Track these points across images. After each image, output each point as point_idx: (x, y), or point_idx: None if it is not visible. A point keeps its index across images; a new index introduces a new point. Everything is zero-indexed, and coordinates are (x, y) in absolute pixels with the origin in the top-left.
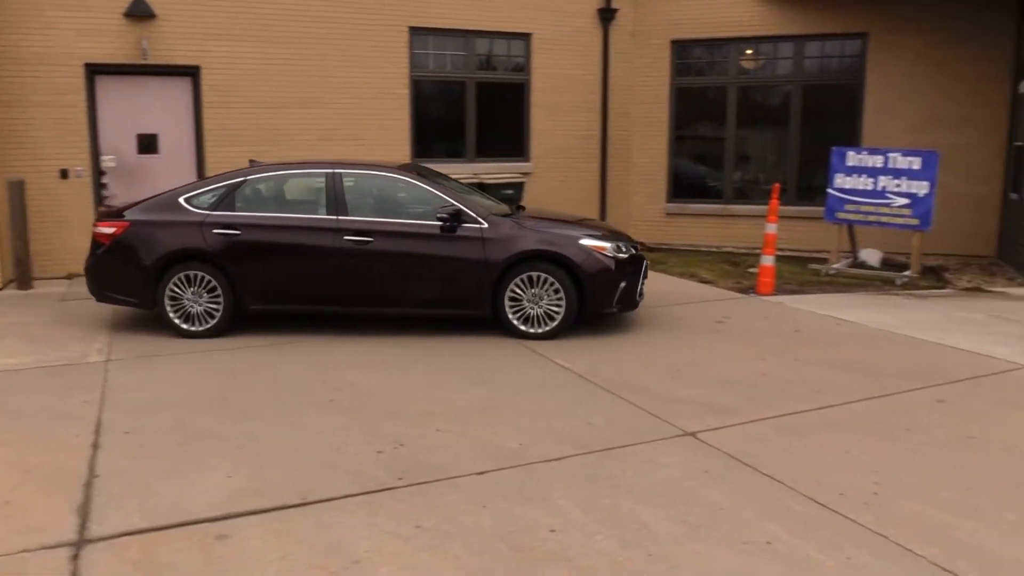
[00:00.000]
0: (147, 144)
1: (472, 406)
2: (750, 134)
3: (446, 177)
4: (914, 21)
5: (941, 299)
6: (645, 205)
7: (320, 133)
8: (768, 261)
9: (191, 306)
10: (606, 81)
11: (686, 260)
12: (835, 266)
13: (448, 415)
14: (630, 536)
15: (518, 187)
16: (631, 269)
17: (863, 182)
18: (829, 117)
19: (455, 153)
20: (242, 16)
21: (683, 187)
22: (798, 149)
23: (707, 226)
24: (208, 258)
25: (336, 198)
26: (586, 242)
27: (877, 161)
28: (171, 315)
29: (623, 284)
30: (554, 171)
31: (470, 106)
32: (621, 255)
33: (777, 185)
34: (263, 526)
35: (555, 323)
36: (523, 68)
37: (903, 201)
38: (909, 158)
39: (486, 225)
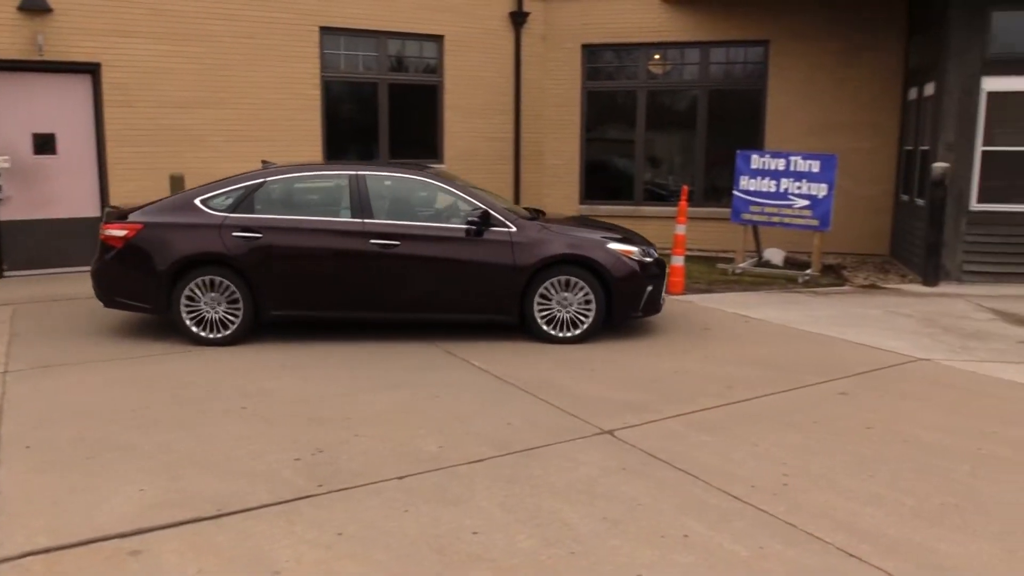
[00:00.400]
0: (44, 144)
1: (392, 410)
2: (659, 137)
3: (461, 180)
4: (812, 30)
5: (840, 296)
6: (558, 206)
7: (229, 133)
8: (678, 261)
9: (208, 312)
10: (519, 84)
11: None
12: (741, 265)
13: (367, 419)
14: (552, 534)
15: None
16: (656, 272)
17: (766, 184)
18: (734, 121)
19: (368, 154)
20: (145, 12)
21: (595, 188)
22: (705, 152)
23: None
24: (227, 262)
25: (361, 201)
26: (613, 246)
27: (779, 164)
28: (187, 322)
29: (649, 288)
30: (468, 173)
31: (383, 107)
32: (646, 259)
33: (686, 187)
34: (178, 539)
35: (584, 327)
36: (436, 70)
37: (804, 203)
38: (809, 161)
39: (514, 229)
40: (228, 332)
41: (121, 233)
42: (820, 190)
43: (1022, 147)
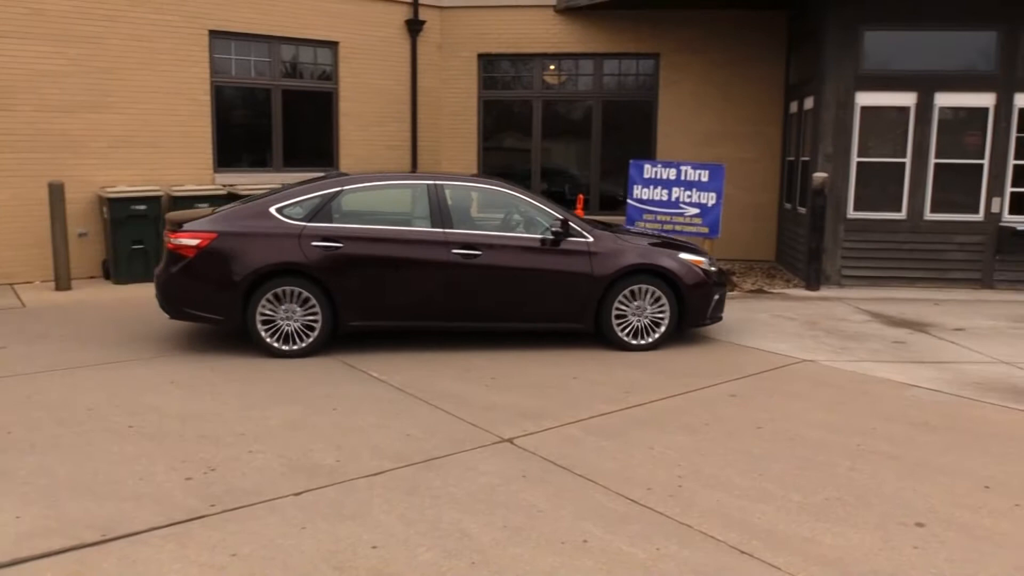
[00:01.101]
0: None
1: (286, 424)
2: (556, 146)
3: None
4: (700, 44)
5: (730, 301)
6: None
7: (113, 139)
8: None
9: (285, 324)
10: (415, 92)
11: None
12: None
13: (261, 435)
14: (453, 545)
15: None
16: (720, 281)
17: (659, 193)
18: (628, 131)
19: (261, 162)
20: (23, 12)
21: None
22: (600, 161)
23: None
24: (307, 272)
25: (441, 210)
26: (684, 256)
27: (671, 173)
28: (263, 334)
29: (716, 296)
30: None
31: (276, 114)
32: (712, 268)
33: (581, 196)
34: (58, 569)
35: (658, 335)
36: (331, 76)
37: (694, 211)
38: (699, 171)
39: (591, 239)
40: (305, 344)
41: (193, 242)
42: (709, 199)
43: (892, 158)
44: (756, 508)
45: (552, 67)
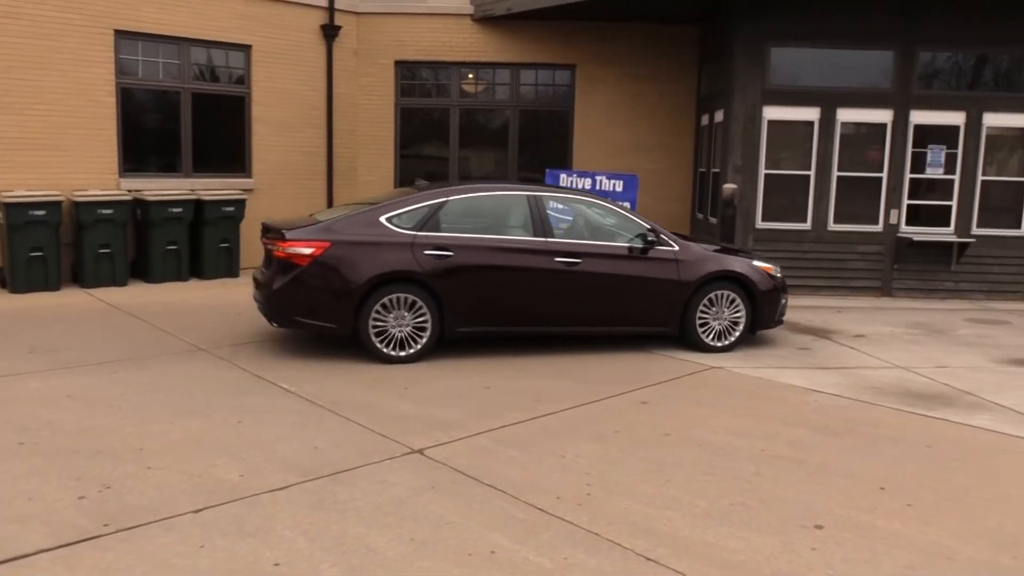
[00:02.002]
0: None
1: (189, 439)
2: (473, 154)
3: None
4: (615, 56)
5: None
6: None
7: (10, 141)
8: None
9: (395, 330)
10: (331, 98)
11: None
12: None
13: (162, 451)
14: (358, 560)
15: (239, 204)
16: (784, 286)
17: None
18: (544, 140)
19: (170, 167)
20: None
21: None
22: (517, 170)
23: None
24: (419, 280)
25: (541, 220)
26: (757, 263)
27: (586, 183)
28: (375, 340)
29: (783, 301)
30: (279, 187)
31: (186, 118)
32: (778, 275)
33: None
34: None
35: (734, 337)
36: (244, 80)
37: None
38: (613, 180)
39: (677, 248)
40: (415, 350)
41: (308, 251)
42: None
43: (798, 171)
44: (662, 515)
45: (470, 76)
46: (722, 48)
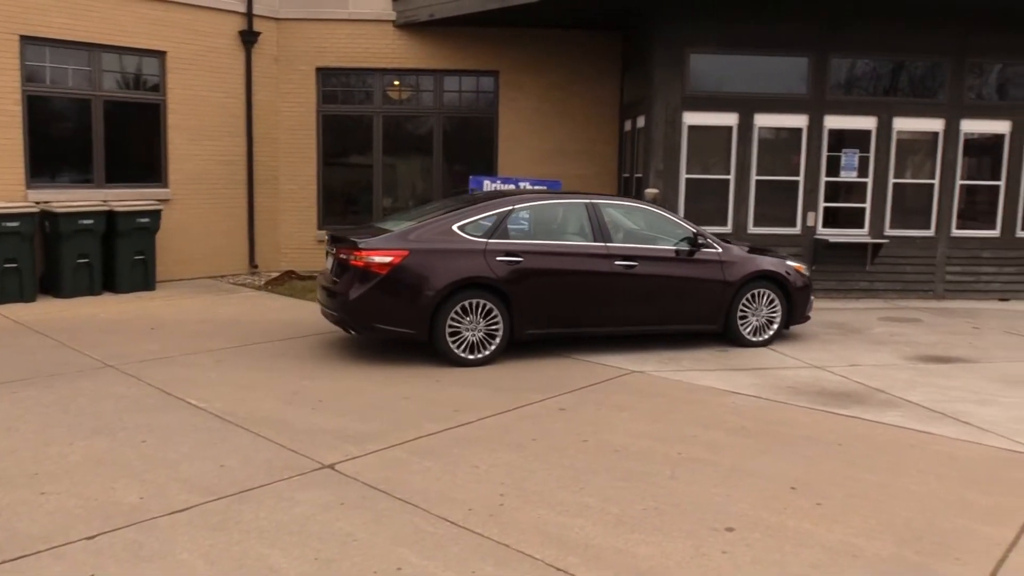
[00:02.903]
0: None
1: (89, 460)
2: (397, 162)
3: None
4: (538, 63)
5: None
6: (295, 232)
7: None
8: None
9: (469, 335)
10: (250, 105)
11: None
12: None
13: (59, 474)
14: None
15: (155, 215)
16: (811, 284)
17: None
18: (469, 147)
19: (82, 178)
20: None
21: (334, 213)
22: (442, 177)
23: None
24: (492, 285)
25: (600, 226)
26: (790, 263)
27: (510, 189)
28: (451, 345)
29: (811, 297)
30: (197, 197)
31: (97, 127)
32: (807, 274)
33: None
34: None
35: (772, 332)
36: (159, 88)
37: None
38: (537, 187)
39: (721, 250)
40: (487, 352)
41: (387, 259)
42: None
43: (718, 175)
44: (575, 523)
45: (395, 83)
46: (643, 55)
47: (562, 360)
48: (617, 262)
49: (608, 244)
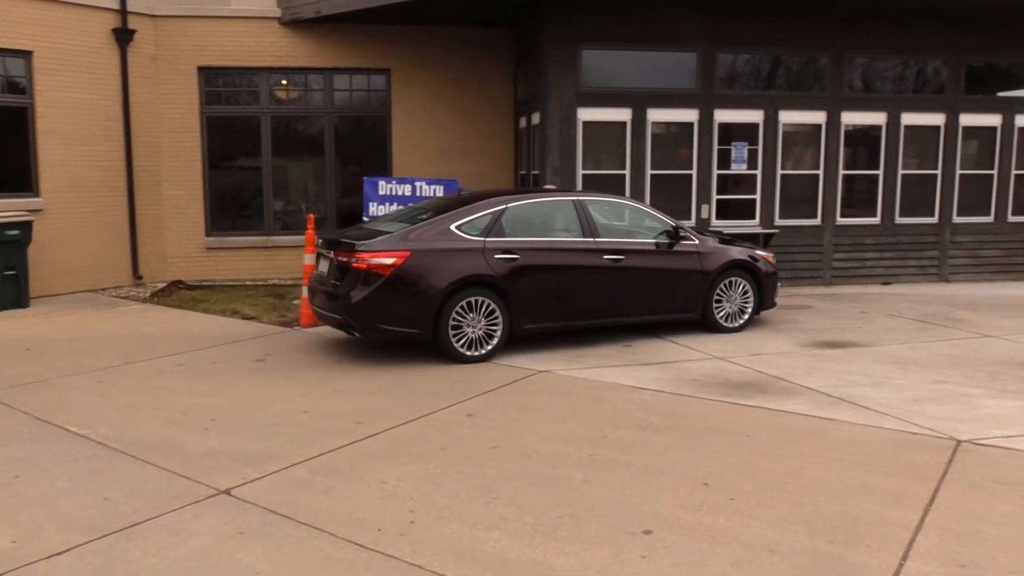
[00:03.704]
0: None
1: None
2: (289, 164)
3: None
4: (430, 60)
5: None
6: (182, 240)
7: None
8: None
9: (471, 332)
10: (128, 108)
11: (229, 296)
12: None
13: None
14: None
15: (25, 226)
16: (778, 272)
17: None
18: (363, 147)
19: None
20: None
21: (223, 219)
22: (336, 179)
23: (251, 259)
24: (491, 283)
25: (588, 222)
26: (759, 252)
27: (406, 189)
28: (454, 343)
29: (778, 284)
30: (73, 206)
31: None
32: (774, 261)
33: (312, 215)
34: None
35: (745, 319)
36: (25, 90)
37: None
38: (433, 186)
39: (698, 241)
40: (488, 349)
41: (389, 261)
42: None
43: (614, 170)
44: (490, 536)
45: (284, 81)
46: (535, 51)
47: (465, 362)
48: (605, 256)
49: (597, 239)
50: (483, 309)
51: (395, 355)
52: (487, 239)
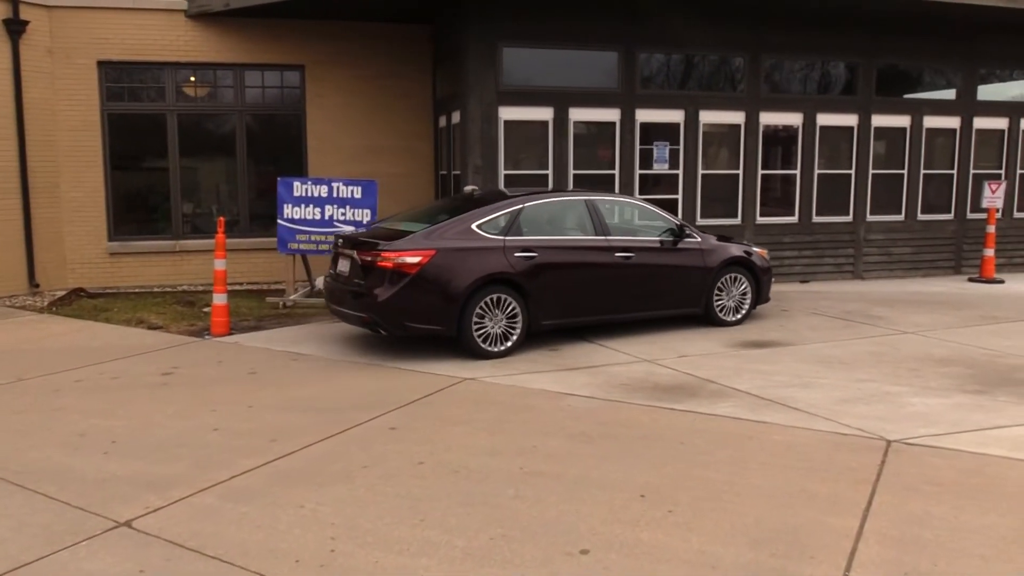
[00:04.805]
0: None
1: None
2: (199, 164)
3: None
4: (347, 57)
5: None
6: (83, 245)
7: None
8: (220, 300)
9: (492, 328)
10: (20, 104)
11: (135, 304)
12: (292, 297)
13: None
14: None
15: None
16: (772, 268)
17: (311, 212)
18: (277, 147)
19: None
20: None
21: (128, 223)
22: (248, 179)
23: (159, 264)
24: (511, 280)
25: (599, 221)
26: (755, 248)
27: (322, 191)
28: (477, 339)
29: (772, 280)
30: None
31: None
32: (768, 257)
33: (222, 218)
34: None
35: (744, 312)
36: None
37: (349, 229)
38: (351, 187)
39: (700, 239)
40: (509, 344)
41: (415, 260)
42: (364, 215)
43: (536, 170)
44: (418, 564)
45: (192, 78)
46: (455, 48)
47: (387, 370)
48: (616, 254)
49: (608, 238)
50: (504, 306)
51: (313, 365)
52: (507, 238)
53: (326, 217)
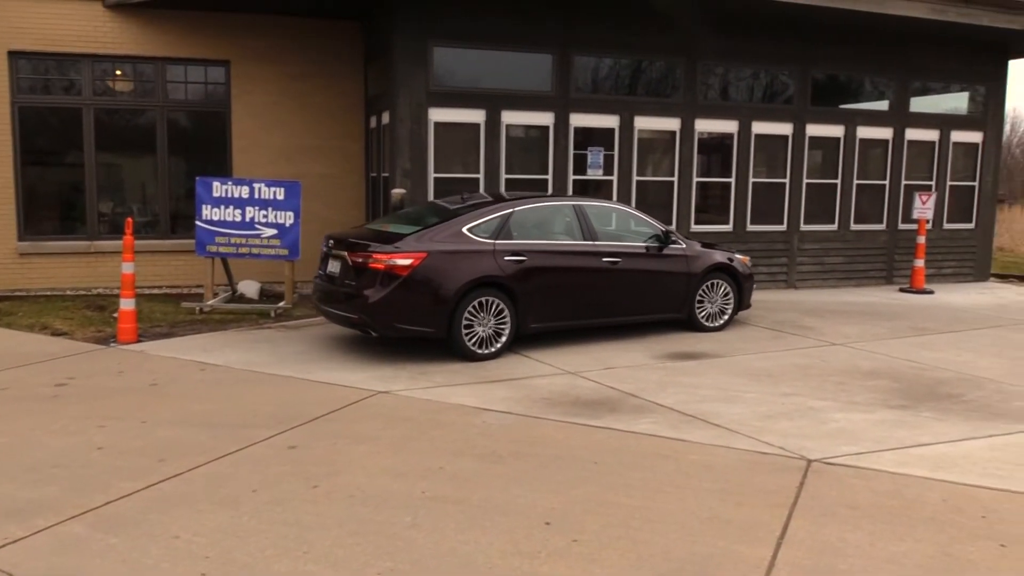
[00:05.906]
0: None
1: None
2: (117, 161)
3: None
4: (275, 53)
5: (311, 328)
6: None
7: None
8: (128, 305)
9: (481, 331)
10: None
11: (41, 308)
12: (210, 302)
13: None
14: None
15: None
16: (753, 274)
17: (232, 213)
18: (200, 145)
19: None
20: None
21: (39, 222)
22: (169, 178)
23: (72, 266)
24: (501, 284)
25: (587, 226)
26: (738, 255)
27: (244, 192)
28: (467, 342)
29: (754, 286)
30: None
31: None
32: (750, 264)
33: (130, 219)
34: None
35: (726, 318)
36: None
37: (272, 231)
38: (274, 188)
39: (685, 245)
40: (497, 347)
41: (407, 262)
42: (287, 218)
43: (467, 174)
44: None
45: (119, 72)
46: (384, 47)
47: (298, 383)
48: (604, 259)
49: (596, 243)
50: (493, 309)
51: (220, 377)
52: (497, 241)
53: (247, 219)
